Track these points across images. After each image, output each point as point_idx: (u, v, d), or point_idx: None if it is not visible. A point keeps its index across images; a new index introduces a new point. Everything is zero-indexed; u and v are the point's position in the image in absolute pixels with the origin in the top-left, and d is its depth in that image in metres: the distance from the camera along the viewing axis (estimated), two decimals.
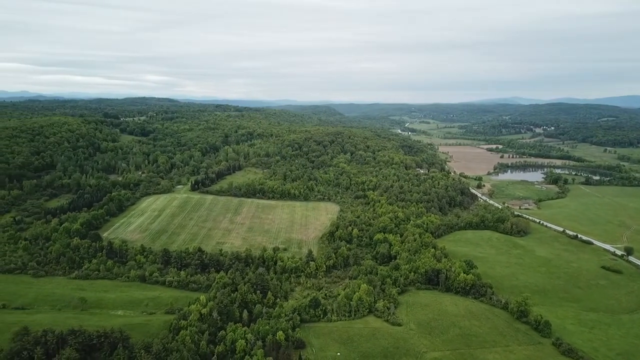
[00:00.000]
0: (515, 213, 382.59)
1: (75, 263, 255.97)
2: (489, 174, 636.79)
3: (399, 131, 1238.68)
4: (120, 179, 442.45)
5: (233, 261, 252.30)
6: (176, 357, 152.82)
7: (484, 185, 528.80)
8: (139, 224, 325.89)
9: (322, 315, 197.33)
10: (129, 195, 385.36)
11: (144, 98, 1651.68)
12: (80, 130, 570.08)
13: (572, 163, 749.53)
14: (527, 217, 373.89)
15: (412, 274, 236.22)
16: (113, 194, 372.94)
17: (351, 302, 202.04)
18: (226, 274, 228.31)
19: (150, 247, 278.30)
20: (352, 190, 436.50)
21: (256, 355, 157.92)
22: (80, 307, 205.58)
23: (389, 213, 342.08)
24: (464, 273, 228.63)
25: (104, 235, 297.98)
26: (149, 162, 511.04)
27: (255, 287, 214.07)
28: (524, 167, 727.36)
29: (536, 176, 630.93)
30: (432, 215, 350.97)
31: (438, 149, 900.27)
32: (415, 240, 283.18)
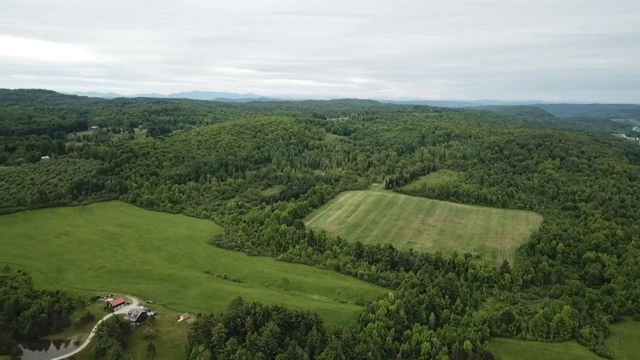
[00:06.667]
0: None
1: (281, 246, 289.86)
2: None
3: (624, 136, 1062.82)
4: (323, 174, 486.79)
5: (422, 262, 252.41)
6: (363, 347, 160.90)
7: None
8: (336, 216, 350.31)
9: (514, 332, 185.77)
10: (330, 189, 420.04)
11: (347, 99, 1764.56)
12: (292, 129, 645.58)
13: None
14: None
15: (630, 302, 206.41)
16: (316, 187, 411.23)
17: (550, 323, 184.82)
18: (415, 274, 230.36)
19: (345, 239, 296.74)
20: (559, 200, 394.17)
21: None
22: (283, 286, 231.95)
23: (605, 229, 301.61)
24: None
25: (307, 224, 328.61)
26: (348, 160, 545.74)
27: (443, 291, 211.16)
28: None
29: None
30: None
31: None
32: (636, 264, 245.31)
